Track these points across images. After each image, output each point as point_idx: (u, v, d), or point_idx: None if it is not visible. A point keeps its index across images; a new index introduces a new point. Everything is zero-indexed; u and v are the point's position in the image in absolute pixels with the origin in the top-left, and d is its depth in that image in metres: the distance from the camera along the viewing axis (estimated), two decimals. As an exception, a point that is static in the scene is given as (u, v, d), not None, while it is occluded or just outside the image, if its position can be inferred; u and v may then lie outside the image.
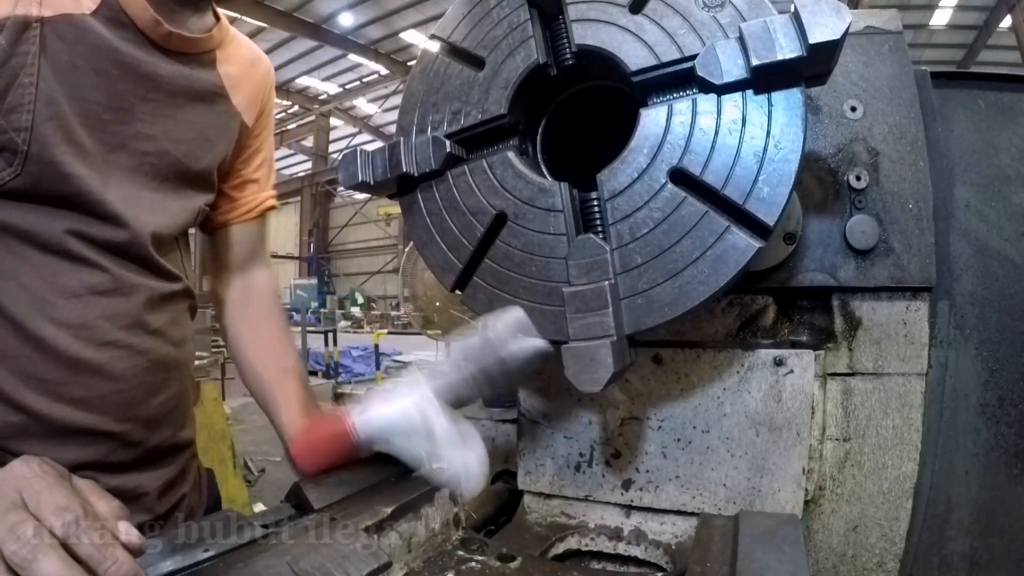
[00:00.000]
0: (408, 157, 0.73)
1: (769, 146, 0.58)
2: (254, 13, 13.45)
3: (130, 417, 0.79)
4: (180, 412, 0.91)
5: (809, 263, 0.79)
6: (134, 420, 0.80)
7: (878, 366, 0.78)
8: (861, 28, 0.81)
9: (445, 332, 4.89)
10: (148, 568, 0.51)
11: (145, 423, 0.82)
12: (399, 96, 1.11)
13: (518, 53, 0.70)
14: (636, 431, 0.83)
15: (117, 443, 0.79)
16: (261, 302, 1.06)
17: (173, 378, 0.87)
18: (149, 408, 0.82)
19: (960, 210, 0.82)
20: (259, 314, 1.05)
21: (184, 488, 0.95)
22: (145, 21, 0.78)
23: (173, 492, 0.91)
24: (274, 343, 1.03)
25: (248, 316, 1.05)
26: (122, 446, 0.79)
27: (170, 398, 0.86)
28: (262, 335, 1.03)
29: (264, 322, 1.05)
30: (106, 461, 0.78)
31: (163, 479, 0.87)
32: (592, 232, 0.64)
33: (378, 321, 16.99)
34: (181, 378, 0.90)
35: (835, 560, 0.80)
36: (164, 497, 0.89)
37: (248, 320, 1.05)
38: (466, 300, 0.72)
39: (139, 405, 0.80)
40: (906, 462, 0.77)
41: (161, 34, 0.80)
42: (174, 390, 0.87)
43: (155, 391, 0.83)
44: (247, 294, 1.06)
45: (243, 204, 1.03)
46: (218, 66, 0.91)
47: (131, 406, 0.79)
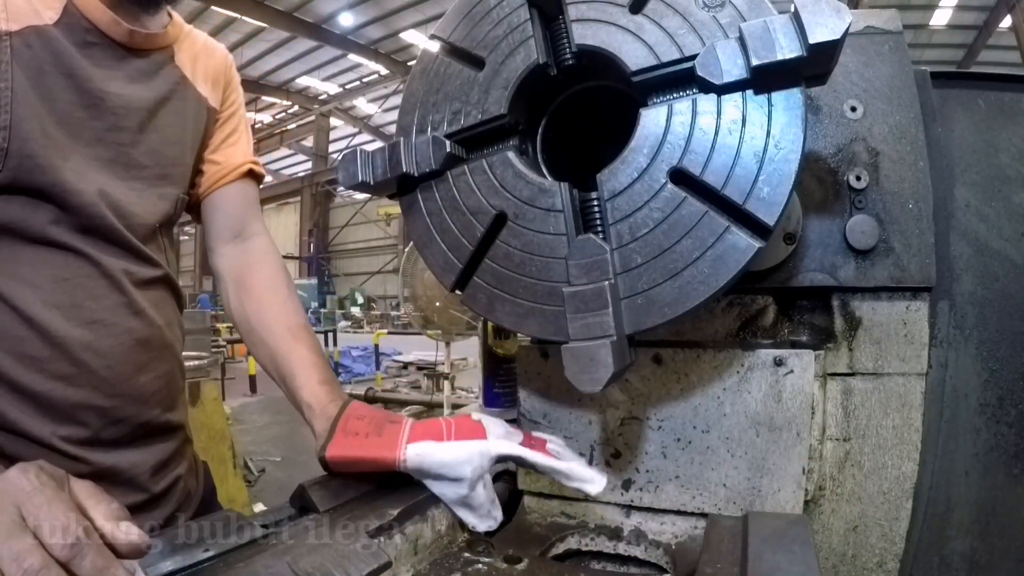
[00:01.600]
0: (408, 157, 0.73)
1: (769, 146, 0.58)
2: (254, 13, 13.46)
3: (118, 393, 0.84)
4: (169, 393, 0.94)
5: (809, 263, 0.79)
6: (122, 396, 0.84)
7: (878, 366, 0.78)
8: (861, 28, 0.81)
9: (445, 332, 4.90)
10: (148, 568, 0.51)
11: (134, 399, 0.86)
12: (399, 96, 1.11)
13: (518, 53, 0.70)
14: (636, 431, 0.83)
15: (107, 420, 0.83)
16: (261, 267, 1.04)
17: (160, 358, 0.91)
18: (136, 385, 0.86)
19: (960, 210, 0.82)
20: (260, 280, 1.02)
21: (179, 470, 0.97)
22: (106, 23, 0.83)
23: (167, 472, 0.94)
24: (278, 306, 1.00)
25: (249, 284, 1.02)
26: (112, 423, 0.84)
27: (158, 377, 0.90)
28: (266, 300, 1.00)
29: (267, 289, 1.02)
30: (99, 438, 0.83)
31: (155, 458, 0.91)
32: (592, 232, 0.64)
33: (378, 321, 17.01)
34: (168, 359, 0.93)
35: (835, 560, 0.80)
36: (158, 476, 0.92)
37: (249, 288, 1.02)
38: (466, 300, 0.72)
39: (126, 382, 0.85)
40: (906, 462, 0.77)
41: (122, 33, 0.85)
42: (161, 370, 0.91)
43: (142, 369, 0.87)
44: (244, 262, 1.04)
45: (219, 169, 1.03)
46: (176, 58, 0.95)
47: (118, 382, 0.84)
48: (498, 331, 1.13)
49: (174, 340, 0.95)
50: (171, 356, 0.94)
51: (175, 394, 0.96)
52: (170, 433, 0.95)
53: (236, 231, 1.05)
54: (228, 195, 1.04)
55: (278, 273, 1.04)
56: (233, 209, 1.05)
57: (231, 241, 1.05)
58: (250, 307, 1.00)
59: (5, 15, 0.74)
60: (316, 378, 0.90)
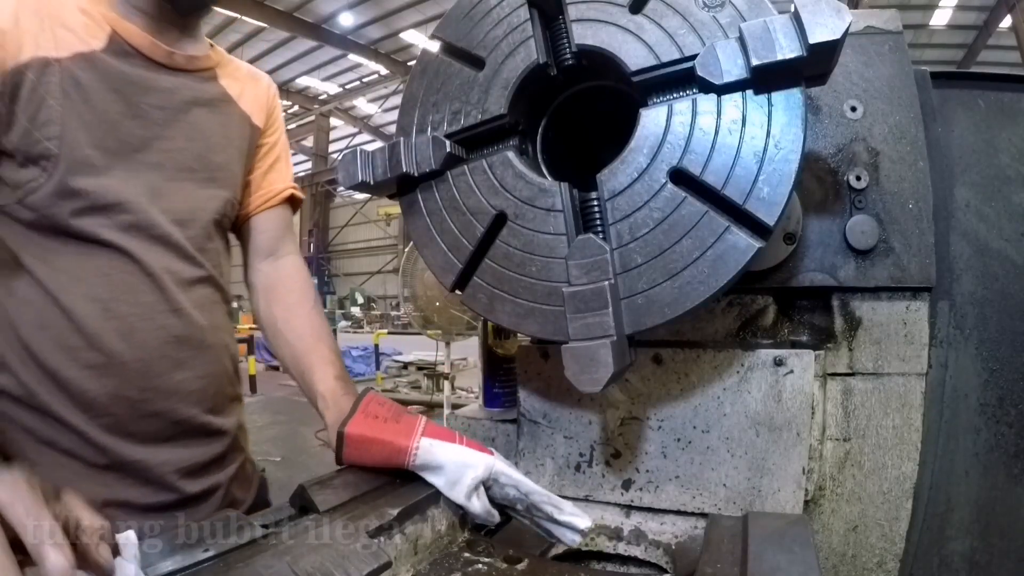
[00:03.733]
0: (408, 157, 0.73)
1: (769, 146, 0.58)
2: (254, 13, 13.45)
3: (150, 387, 0.87)
4: (210, 395, 0.95)
5: (809, 263, 0.79)
6: (155, 391, 0.87)
7: (878, 366, 0.78)
8: (861, 28, 0.81)
9: (445, 332, 4.90)
10: (148, 568, 0.51)
11: (167, 395, 0.88)
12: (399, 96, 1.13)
13: (518, 53, 0.70)
14: (636, 431, 0.83)
15: (137, 413, 0.86)
16: (290, 282, 1.11)
17: (201, 358, 0.93)
18: (171, 381, 0.89)
19: (960, 210, 0.82)
20: (288, 293, 1.10)
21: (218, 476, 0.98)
22: (147, 47, 0.91)
23: (204, 476, 0.95)
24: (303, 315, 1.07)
25: (278, 294, 1.09)
26: (143, 416, 0.87)
27: (198, 376, 0.92)
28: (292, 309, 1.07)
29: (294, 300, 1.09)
30: (129, 430, 0.86)
31: (191, 459, 0.92)
32: (592, 232, 0.64)
33: (378, 321, 17.00)
34: (212, 362, 0.95)
35: (835, 560, 0.80)
36: (191, 478, 0.92)
37: (278, 298, 1.09)
38: (466, 300, 0.72)
39: (159, 377, 0.88)
40: (906, 462, 0.77)
41: (162, 54, 0.92)
42: (202, 370, 0.93)
43: (178, 366, 0.90)
44: (276, 276, 1.11)
45: (263, 194, 1.11)
46: (220, 80, 1.03)
47: (151, 377, 0.87)
48: (498, 331, 1.13)
49: (219, 343, 0.97)
50: (215, 359, 0.96)
51: (220, 398, 0.98)
52: (211, 436, 0.96)
53: (271, 251, 1.13)
54: (268, 218, 1.12)
55: (305, 287, 1.13)
56: (271, 231, 1.13)
57: (266, 259, 1.13)
58: (278, 313, 1.07)
59: (55, 45, 0.83)
60: (333, 374, 0.96)
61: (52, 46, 0.82)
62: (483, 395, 1.15)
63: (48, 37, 0.82)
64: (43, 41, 0.82)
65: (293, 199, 1.16)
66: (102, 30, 0.87)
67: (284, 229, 1.15)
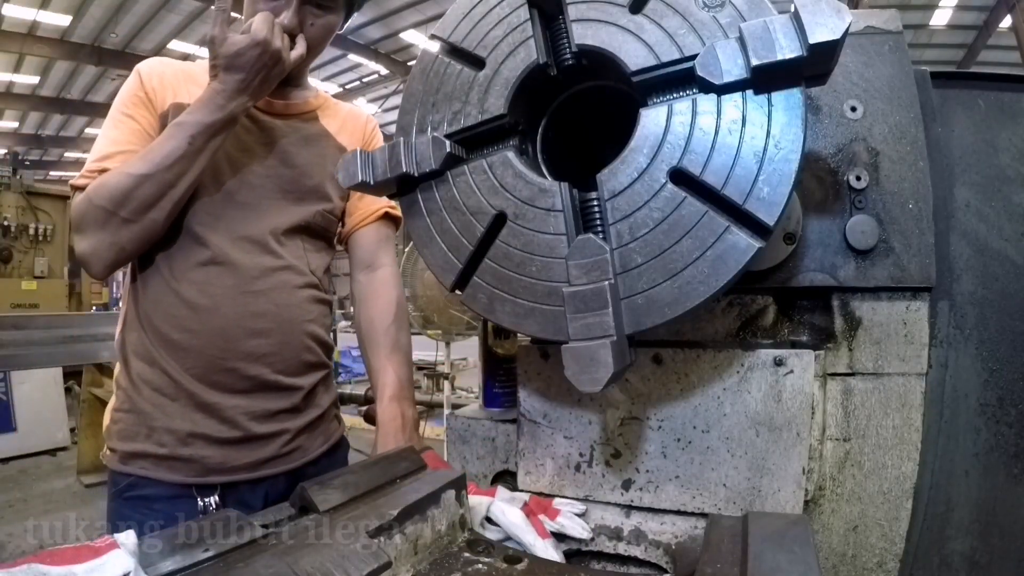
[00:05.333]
0: (408, 157, 0.73)
1: (769, 146, 0.58)
2: (254, 13, 13.44)
3: (227, 348, 1.11)
4: (283, 359, 1.16)
5: (809, 263, 0.79)
6: (231, 351, 1.11)
7: (878, 366, 0.78)
8: (861, 28, 0.81)
9: (445, 332, 4.89)
10: (148, 568, 0.51)
11: (239, 355, 1.12)
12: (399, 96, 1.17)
13: (518, 53, 0.70)
14: (636, 431, 0.83)
15: (216, 367, 1.11)
16: (380, 295, 1.32)
17: (275, 330, 1.15)
18: (245, 346, 1.12)
19: (960, 210, 0.82)
20: (375, 305, 1.32)
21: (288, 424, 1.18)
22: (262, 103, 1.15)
23: (271, 422, 1.15)
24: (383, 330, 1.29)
25: (368, 305, 1.32)
26: (221, 370, 1.11)
27: (270, 343, 1.14)
28: (375, 322, 1.30)
29: (379, 313, 1.31)
30: (211, 379, 1.11)
31: (259, 407, 1.14)
32: (592, 232, 0.64)
33: (378, 321, 16.95)
34: (287, 332, 1.17)
35: (835, 560, 0.80)
36: (259, 422, 1.14)
37: (368, 310, 1.32)
38: (466, 300, 0.72)
39: (235, 341, 1.11)
40: (906, 462, 0.77)
41: (264, 103, 1.17)
42: (275, 339, 1.15)
43: (252, 334, 1.12)
44: (369, 288, 1.34)
45: (360, 213, 1.33)
46: (321, 120, 1.28)
47: (228, 340, 1.11)
48: (498, 331, 1.13)
49: (294, 319, 1.18)
50: (290, 330, 1.17)
51: (294, 362, 1.18)
52: (281, 391, 1.17)
53: (368, 263, 1.35)
54: (366, 234, 1.34)
55: (391, 301, 1.33)
56: (367, 246, 1.34)
57: (364, 271, 1.35)
58: (364, 324, 1.32)
59: (188, 96, 1.09)
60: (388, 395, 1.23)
61: (187, 97, 1.10)
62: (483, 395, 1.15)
63: (184, 91, 1.12)
64: (180, 92, 1.12)
65: (389, 216, 1.35)
66: None
67: (379, 243, 1.35)
